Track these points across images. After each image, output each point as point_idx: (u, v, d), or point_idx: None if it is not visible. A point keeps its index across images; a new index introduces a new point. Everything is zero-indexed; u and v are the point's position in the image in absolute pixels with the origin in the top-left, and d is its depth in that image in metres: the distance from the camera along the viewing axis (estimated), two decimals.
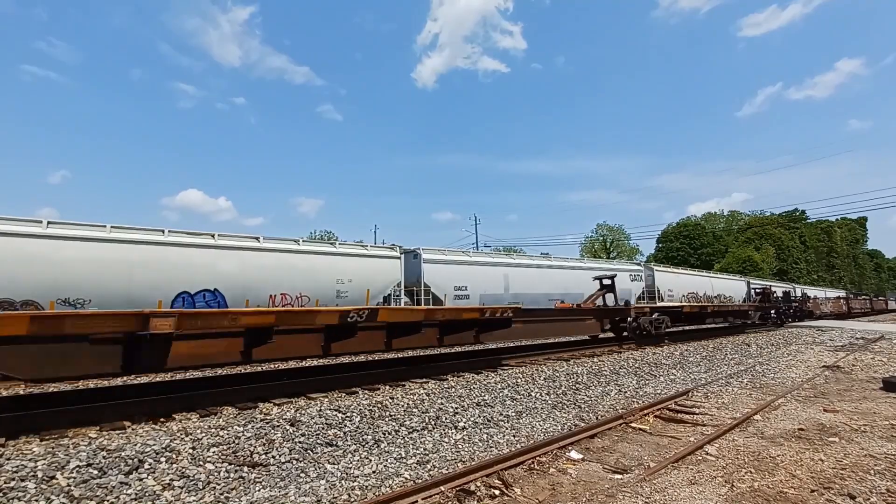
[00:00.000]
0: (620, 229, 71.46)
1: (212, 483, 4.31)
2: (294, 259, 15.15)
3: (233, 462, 4.75)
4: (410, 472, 4.80)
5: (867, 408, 7.67)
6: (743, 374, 11.02)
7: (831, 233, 72.29)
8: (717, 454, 5.41)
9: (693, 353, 14.37)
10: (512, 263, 21.41)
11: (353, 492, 4.28)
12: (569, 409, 7.59)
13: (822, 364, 12.62)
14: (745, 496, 4.22)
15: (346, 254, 16.57)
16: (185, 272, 12.99)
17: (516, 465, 4.98)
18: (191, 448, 4.97)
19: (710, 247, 62.55)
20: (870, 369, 11.78)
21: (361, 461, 5.05)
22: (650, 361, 12.46)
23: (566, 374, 10.28)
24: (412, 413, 6.79)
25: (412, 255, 18.59)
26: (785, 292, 31.40)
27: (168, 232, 13.20)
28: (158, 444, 4.98)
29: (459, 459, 5.20)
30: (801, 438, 6.00)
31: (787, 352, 15.55)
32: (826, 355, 14.66)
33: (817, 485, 4.47)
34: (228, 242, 13.92)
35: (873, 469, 4.88)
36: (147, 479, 4.31)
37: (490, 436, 6.07)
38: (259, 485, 4.35)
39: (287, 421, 6.03)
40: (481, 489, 4.39)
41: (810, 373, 11.27)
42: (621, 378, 10.16)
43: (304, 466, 4.81)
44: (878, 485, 4.45)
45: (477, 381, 9.24)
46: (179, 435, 5.35)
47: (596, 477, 4.79)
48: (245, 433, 5.49)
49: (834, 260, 71.52)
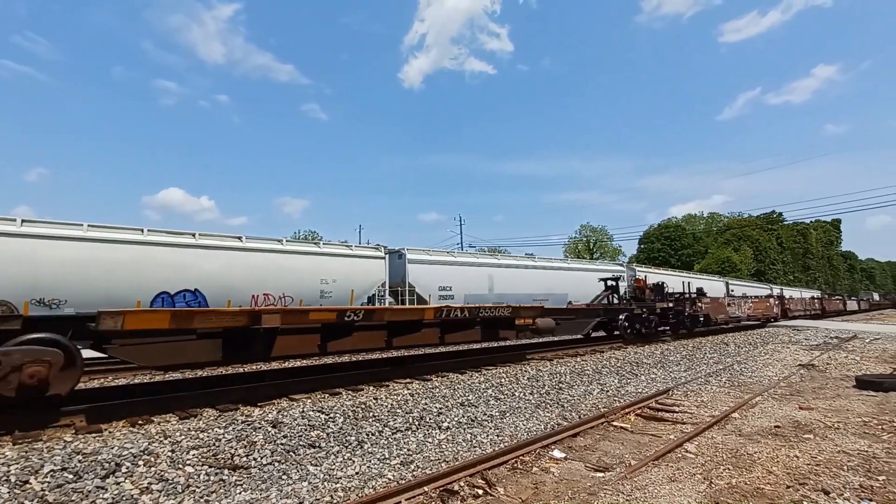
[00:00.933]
0: (603, 230, 72.36)
1: (191, 486, 4.24)
2: (277, 259, 14.98)
3: (213, 465, 4.68)
4: (394, 472, 4.79)
5: (841, 405, 7.89)
6: (722, 372, 11.24)
7: (807, 234, 74.20)
8: (696, 452, 5.51)
9: (673, 353, 14.61)
10: (496, 264, 21.49)
11: (335, 493, 4.25)
12: (552, 408, 7.65)
13: (797, 363, 12.95)
14: (722, 493, 4.30)
15: (331, 254, 16.45)
16: (164, 272, 12.74)
17: (500, 464, 5.00)
18: (170, 451, 4.88)
19: (690, 248, 63.70)
20: (843, 367, 12.12)
21: (344, 462, 5.02)
22: (632, 360, 12.63)
23: (549, 373, 10.36)
24: (396, 413, 6.77)
25: (397, 256, 18.54)
26: (657, 284, 19.33)
27: (147, 231, 12.93)
28: (136, 447, 4.88)
29: (443, 460, 5.21)
30: (778, 436, 6.14)
31: (765, 351, 15.91)
32: (801, 354, 15.04)
33: (793, 481, 4.59)
34: (210, 242, 13.68)
35: (847, 465, 5.02)
36: (124, 482, 4.22)
37: (474, 436, 6.08)
38: (240, 487, 4.29)
39: (269, 422, 5.96)
40: (465, 489, 4.39)
41: (786, 371, 11.55)
42: (604, 377, 10.28)
43: (286, 468, 4.76)
44: (851, 480, 4.58)
45: (461, 381, 9.26)
46: (158, 437, 5.25)
47: (578, 475, 4.84)
48: (226, 435, 5.41)
49: (809, 261, 73.41)
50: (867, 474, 4.75)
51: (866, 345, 17.74)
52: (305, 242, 18.09)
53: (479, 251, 46.86)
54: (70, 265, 11.50)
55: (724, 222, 76.02)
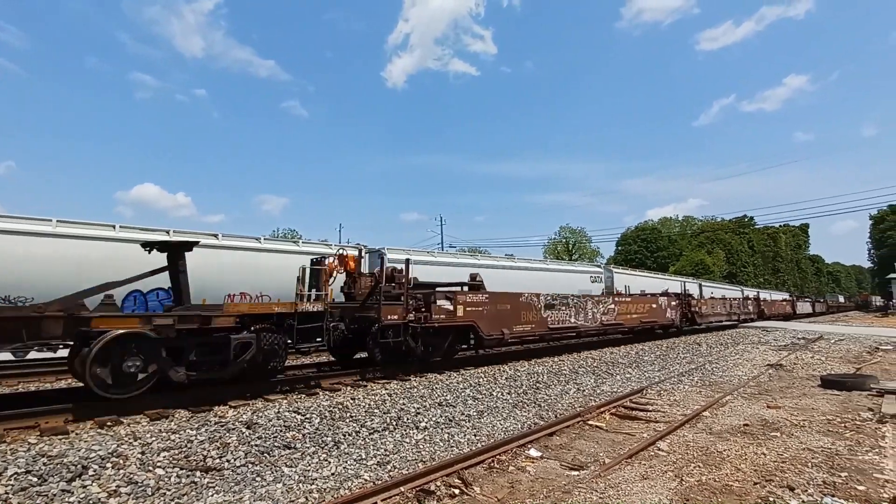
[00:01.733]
0: (582, 232, 73.28)
1: (161, 489, 4.14)
2: (255, 257, 14.72)
3: (184, 467, 4.58)
4: (370, 473, 4.77)
5: (806, 404, 8.17)
6: (694, 372, 11.51)
7: (777, 238, 76.54)
8: (668, 449, 5.64)
9: (648, 353, 14.90)
10: (476, 264, 21.56)
11: (310, 495, 4.21)
12: (529, 407, 7.72)
13: (766, 363, 13.35)
14: (692, 489, 4.41)
15: (310, 252, 16.24)
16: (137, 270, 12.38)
17: (476, 464, 5.02)
18: (139, 453, 4.76)
19: (665, 250, 65.01)
20: (809, 368, 12.55)
21: (320, 463, 4.97)
22: (608, 360, 12.83)
23: (527, 373, 10.45)
24: (373, 414, 6.74)
25: (376, 255, 18.42)
26: (395, 270, 10.45)
27: (120, 227, 12.55)
28: (104, 449, 4.75)
29: (420, 460, 5.20)
30: (746, 434, 6.33)
31: (735, 351, 16.36)
32: (770, 354, 15.52)
33: (760, 477, 4.73)
34: (185, 239, 13.37)
35: (811, 462, 5.20)
36: (91, 486, 4.10)
37: (451, 435, 6.10)
38: (212, 490, 4.21)
39: (243, 423, 5.86)
40: (441, 489, 4.40)
41: (755, 371, 11.89)
42: (580, 377, 10.42)
43: (261, 470, 4.69)
44: (815, 477, 4.75)
45: (439, 380, 9.26)
46: (127, 439, 5.12)
47: (553, 474, 4.90)
48: (198, 437, 5.30)
49: (779, 264, 75.74)
50: (830, 470, 4.93)
51: (831, 345, 18.40)
52: (284, 241, 17.84)
53: (460, 251, 46.94)
54: (38, 262, 11.08)
55: (698, 226, 77.89)
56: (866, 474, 4.79)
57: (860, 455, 5.41)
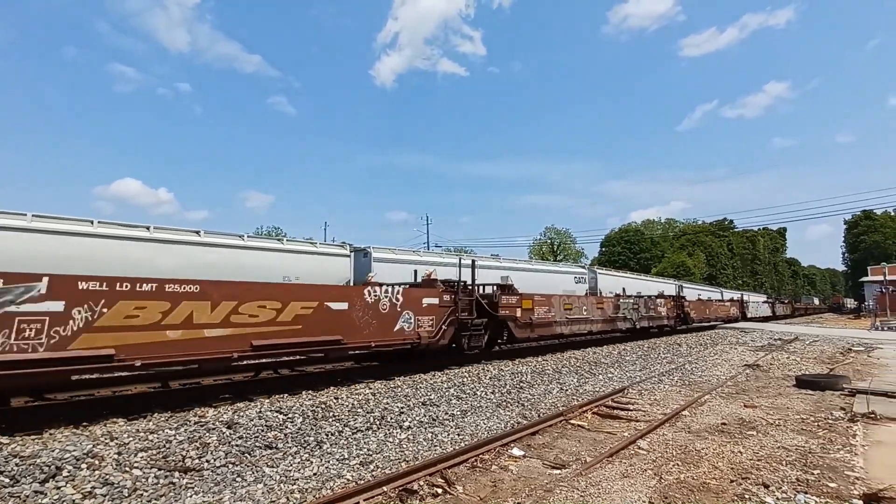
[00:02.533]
0: (567, 233, 73.98)
1: (139, 490, 4.07)
2: (238, 255, 14.51)
3: (163, 467, 4.50)
4: (353, 473, 4.74)
5: (782, 403, 8.37)
6: (674, 372, 11.71)
7: (755, 241, 78.24)
8: (648, 448, 5.72)
9: (630, 353, 15.12)
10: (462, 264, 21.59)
11: (292, 495, 4.17)
12: (512, 407, 7.76)
13: (743, 363, 13.64)
14: (671, 487, 4.49)
15: (295, 251, 16.07)
16: (115, 268, 12.11)
17: (459, 463, 5.03)
18: (116, 453, 4.67)
19: (648, 252, 66.02)
20: (785, 368, 12.85)
21: (302, 463, 4.93)
22: (591, 360, 12.98)
23: (511, 373, 10.51)
24: (357, 413, 6.71)
25: (362, 254, 18.32)
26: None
27: (98, 223, 12.26)
28: (79, 449, 4.65)
29: (403, 459, 5.20)
30: (724, 432, 6.46)
31: (714, 351, 16.68)
32: (748, 355, 15.86)
33: (736, 475, 4.83)
34: (165, 236, 13.11)
35: (785, 460, 5.33)
36: (65, 487, 4.01)
37: (435, 435, 6.10)
38: (191, 490, 4.15)
39: (224, 423, 5.79)
40: (424, 488, 4.40)
41: (733, 371, 12.14)
42: (563, 376, 10.51)
43: (241, 470, 4.64)
44: (789, 474, 4.87)
45: (424, 380, 9.27)
46: (103, 439, 5.01)
47: (536, 473, 4.93)
48: (177, 437, 5.22)
49: (757, 266, 77.44)
50: (804, 468, 5.05)
51: (806, 346, 18.88)
52: (268, 239, 17.63)
53: (445, 251, 46.97)
54: (9, 259, 10.77)
55: (680, 228, 79.30)
56: (838, 472, 4.93)
57: (832, 453, 5.56)
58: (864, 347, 18.08)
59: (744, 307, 34.15)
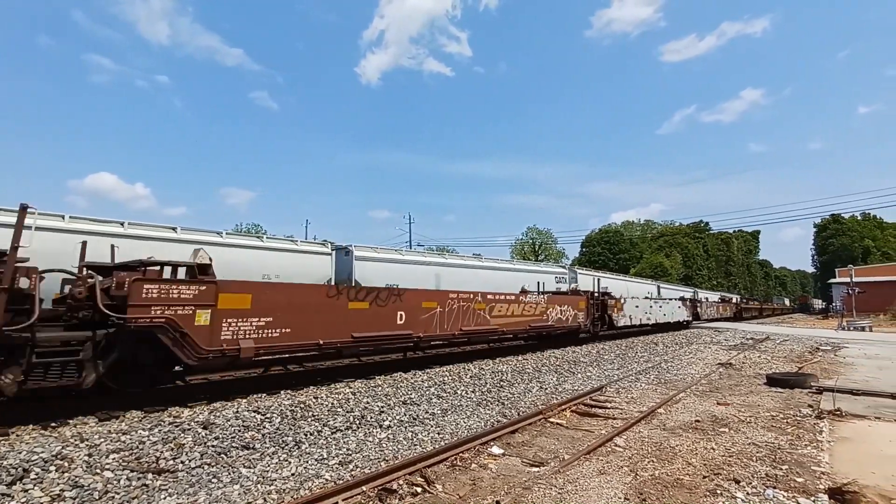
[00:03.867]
0: (549, 233, 74.72)
1: (110, 492, 3.96)
2: (216, 252, 14.19)
3: (135, 469, 4.40)
4: (332, 473, 4.71)
5: (753, 401, 8.61)
6: (650, 370, 11.94)
7: (730, 243, 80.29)
8: (624, 445, 5.83)
9: (608, 352, 15.36)
10: (444, 263, 21.62)
11: (269, 496, 4.12)
12: (493, 405, 7.81)
13: (717, 362, 13.99)
14: (646, 484, 4.58)
15: (274, 248, 15.84)
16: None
17: (439, 462, 5.04)
18: (86, 455, 4.54)
19: (627, 252, 67.15)
20: (756, 366, 13.23)
21: (280, 464, 4.87)
22: (570, 359, 13.14)
23: (492, 371, 10.57)
24: (336, 413, 6.67)
25: (344, 252, 18.19)
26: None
27: (69, 218, 11.88)
28: (48, 451, 4.51)
29: (383, 458, 5.18)
30: (697, 429, 6.61)
31: (689, 350, 17.07)
32: (721, 354, 16.27)
33: (708, 471, 4.96)
34: (140, 232, 12.79)
35: (756, 456, 5.49)
36: (33, 489, 3.88)
37: (415, 434, 6.10)
38: (165, 492, 4.06)
39: (199, 424, 5.68)
40: (403, 487, 4.40)
41: (707, 370, 12.44)
42: (543, 375, 10.62)
43: (217, 471, 4.56)
44: (759, 470, 5.02)
45: (404, 379, 9.25)
46: (73, 441, 4.87)
47: (515, 471, 4.98)
48: (151, 437, 5.11)
49: (731, 268, 79.48)
50: (773, 464, 5.21)
51: (777, 345, 19.46)
52: (247, 236, 17.34)
53: (428, 250, 46.94)
54: None
55: (658, 229, 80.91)
56: (805, 467, 5.10)
57: (800, 449, 5.75)
58: (831, 347, 18.73)
59: (696, 307, 31.24)
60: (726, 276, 76.64)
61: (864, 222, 76.10)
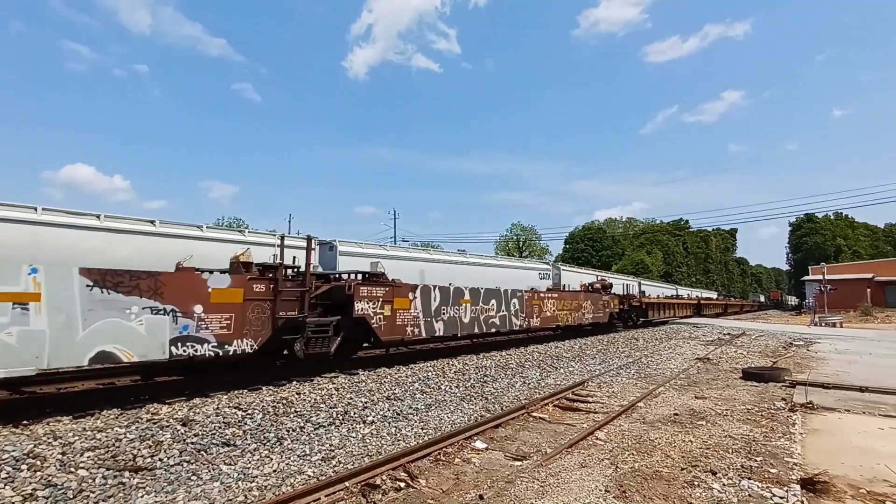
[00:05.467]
0: (533, 229, 75.22)
1: (84, 491, 3.87)
2: (195, 246, 13.95)
3: (111, 467, 4.30)
4: (314, 469, 4.68)
5: (729, 394, 8.81)
6: (631, 365, 12.13)
7: (708, 241, 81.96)
8: (605, 439, 5.92)
9: (590, 347, 15.55)
10: (429, 259, 21.60)
11: (250, 493, 4.07)
12: (476, 400, 7.85)
13: (695, 356, 14.29)
14: (626, 476, 4.66)
15: (256, 243, 15.62)
16: (62, 258, 11.42)
17: (423, 456, 5.05)
18: (60, 453, 4.43)
19: (609, 249, 67.97)
20: (733, 361, 13.55)
21: (261, 460, 4.82)
22: (553, 354, 13.27)
23: (476, 367, 10.62)
24: (319, 409, 6.62)
25: (328, 247, 18.03)
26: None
27: (42, 210, 11.52)
28: (19, 450, 4.38)
29: (366, 454, 5.17)
30: (676, 423, 6.75)
31: (668, 346, 17.39)
32: (699, 349, 16.61)
33: (686, 463, 5.06)
34: (117, 225, 12.47)
35: (731, 448, 5.62)
36: (4, 489, 3.77)
37: (399, 429, 6.09)
38: (142, 490, 3.98)
39: (178, 421, 5.59)
40: (387, 482, 4.39)
41: (686, 364, 12.70)
42: (526, 370, 10.71)
43: (197, 469, 4.49)
44: (735, 462, 5.14)
45: (388, 374, 9.24)
46: (46, 439, 4.75)
47: (498, 465, 5.01)
48: (127, 435, 5.00)
49: (710, 265, 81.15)
50: (748, 456, 5.35)
51: (752, 341, 19.95)
52: (229, 230, 17.05)
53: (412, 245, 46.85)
54: None
55: (640, 227, 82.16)
56: (778, 458, 5.24)
57: (774, 441, 5.91)
58: (804, 342, 19.28)
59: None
60: (704, 274, 78.25)
61: (836, 222, 78.39)
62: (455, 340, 14.46)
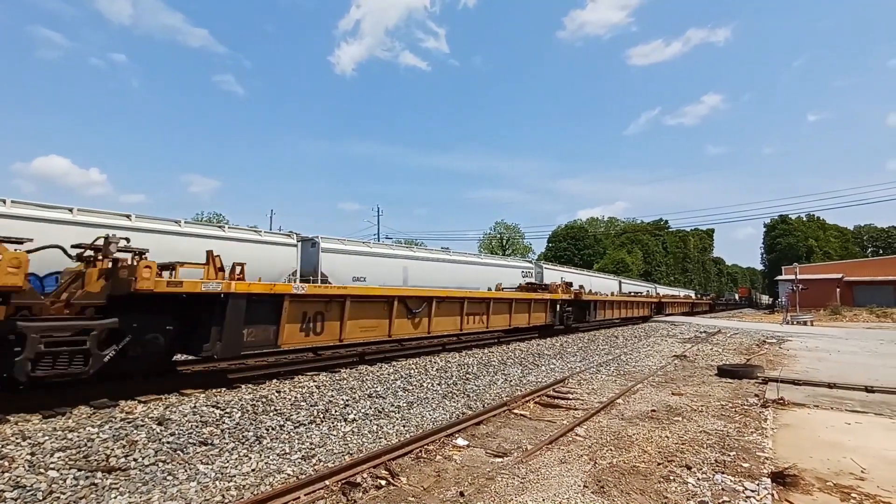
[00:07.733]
0: (516, 228, 75.79)
1: (55, 493, 3.76)
2: (174, 242, 13.67)
3: (83, 468, 4.19)
4: (294, 467, 4.64)
5: (705, 391, 9.02)
6: (611, 363, 12.32)
7: (687, 241, 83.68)
8: (584, 435, 6.00)
9: (571, 345, 15.73)
10: (412, 256, 21.55)
11: (227, 493, 4.01)
12: (458, 398, 7.87)
13: (672, 354, 14.58)
14: (605, 471, 4.73)
15: (237, 238, 15.35)
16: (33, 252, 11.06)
17: (404, 454, 5.05)
18: (29, 454, 4.30)
19: (591, 248, 68.83)
20: (709, 358, 13.86)
21: (240, 459, 4.75)
22: (534, 352, 13.39)
23: (458, 364, 10.65)
24: (300, 407, 6.56)
25: (310, 244, 17.83)
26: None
27: (11, 203, 11.14)
28: None
29: (347, 452, 5.14)
30: (653, 419, 6.88)
31: (647, 343, 17.70)
32: (676, 346, 16.95)
33: (663, 458, 5.17)
34: (90, 219, 12.14)
35: (706, 443, 5.76)
36: None
37: (380, 427, 6.07)
38: (115, 491, 3.89)
39: (154, 420, 5.47)
40: (367, 480, 4.38)
41: (663, 361, 12.95)
42: (508, 368, 10.78)
43: (173, 468, 4.40)
44: (709, 456, 5.27)
45: (370, 372, 9.20)
46: (14, 439, 4.60)
47: (479, 462, 5.04)
48: (100, 434, 4.88)
49: (687, 264, 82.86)
50: (722, 450, 5.49)
51: (728, 338, 20.44)
52: (208, 225, 16.73)
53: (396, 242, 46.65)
54: None
55: (621, 227, 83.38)
56: (751, 453, 5.39)
57: (747, 436, 6.07)
58: (777, 340, 19.84)
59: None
60: (683, 273, 79.82)
61: (808, 223, 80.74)
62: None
